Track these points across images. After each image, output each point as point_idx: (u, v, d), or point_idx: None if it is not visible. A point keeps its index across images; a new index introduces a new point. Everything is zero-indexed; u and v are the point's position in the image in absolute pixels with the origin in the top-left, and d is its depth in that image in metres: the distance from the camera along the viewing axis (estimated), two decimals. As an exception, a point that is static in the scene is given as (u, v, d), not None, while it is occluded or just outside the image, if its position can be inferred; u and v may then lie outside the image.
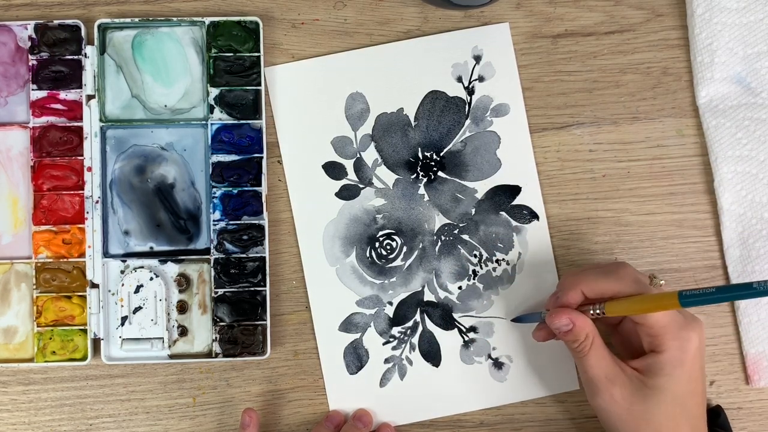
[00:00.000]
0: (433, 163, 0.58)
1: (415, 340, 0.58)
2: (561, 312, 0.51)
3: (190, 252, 0.57)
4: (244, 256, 0.56)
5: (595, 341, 0.51)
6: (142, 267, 0.57)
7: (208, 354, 0.57)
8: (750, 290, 0.44)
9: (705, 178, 0.59)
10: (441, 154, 0.58)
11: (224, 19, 0.57)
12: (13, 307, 0.57)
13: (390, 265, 0.58)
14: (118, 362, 0.57)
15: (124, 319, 0.56)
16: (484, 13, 0.59)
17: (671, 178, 0.59)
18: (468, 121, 0.58)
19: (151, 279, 0.57)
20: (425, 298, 0.58)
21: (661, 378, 0.50)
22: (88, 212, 0.56)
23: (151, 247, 0.57)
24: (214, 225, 0.56)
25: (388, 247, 0.58)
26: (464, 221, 0.58)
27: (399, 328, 0.58)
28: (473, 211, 0.58)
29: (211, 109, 0.57)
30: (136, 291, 0.57)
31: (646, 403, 0.50)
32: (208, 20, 0.57)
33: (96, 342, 0.56)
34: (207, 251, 0.57)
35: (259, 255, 0.56)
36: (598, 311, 0.51)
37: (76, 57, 0.56)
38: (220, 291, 0.56)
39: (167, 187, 0.57)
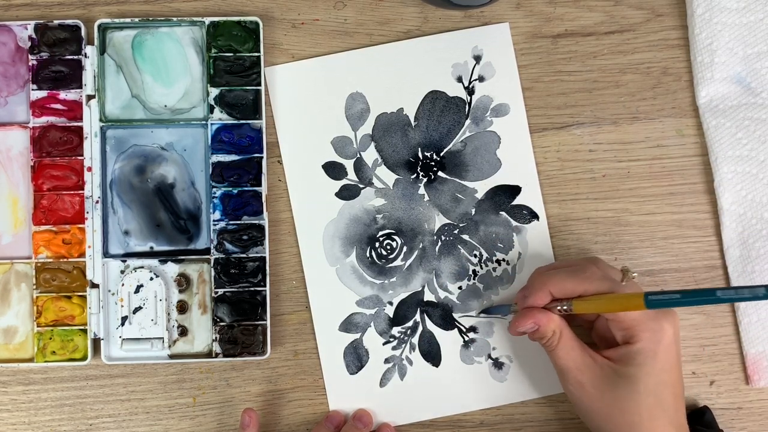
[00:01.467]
0: (433, 163, 0.58)
1: (415, 340, 0.58)
2: (525, 316, 0.52)
3: (190, 252, 0.57)
4: (244, 256, 0.56)
5: (563, 334, 0.52)
6: (142, 267, 0.57)
7: (208, 354, 0.57)
8: (712, 296, 0.44)
9: (705, 178, 0.59)
10: (441, 154, 0.58)
11: (224, 19, 0.57)
12: (13, 307, 0.57)
13: (390, 265, 0.58)
14: (118, 362, 0.57)
15: (124, 319, 0.56)
16: (484, 13, 0.59)
17: (671, 178, 0.59)
18: (468, 121, 0.58)
19: (151, 279, 0.57)
20: (425, 298, 0.58)
21: (633, 367, 0.50)
22: (88, 212, 0.56)
23: (151, 247, 0.57)
24: (214, 225, 0.56)
25: (388, 247, 0.58)
26: (464, 221, 0.58)
27: (399, 328, 0.58)
28: (473, 211, 0.58)
29: (211, 109, 0.57)
30: (136, 291, 0.57)
31: (616, 390, 0.50)
32: (208, 20, 0.57)
33: (96, 342, 0.56)
34: (207, 251, 0.57)
35: (259, 255, 0.56)
36: (565, 308, 0.51)
37: (76, 57, 0.56)
38: (220, 291, 0.56)
39: (167, 187, 0.57)
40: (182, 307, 0.57)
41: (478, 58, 0.58)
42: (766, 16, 0.58)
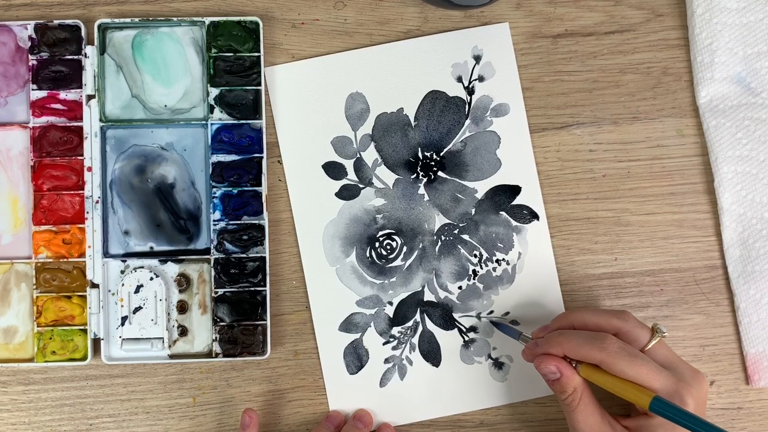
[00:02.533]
0: (433, 163, 0.58)
1: (415, 340, 0.58)
2: (549, 359, 0.50)
3: (190, 252, 0.57)
4: (244, 256, 0.56)
5: (584, 396, 0.50)
6: (142, 267, 0.57)
7: (208, 354, 0.57)
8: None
9: (705, 178, 0.59)
10: (441, 154, 0.58)
11: (224, 19, 0.57)
12: (13, 307, 0.57)
13: (390, 265, 0.58)
14: (118, 362, 0.57)
15: (124, 319, 0.56)
16: (484, 13, 0.59)
17: (671, 178, 0.59)
18: (468, 121, 0.58)
19: (151, 279, 0.57)
20: (425, 298, 0.58)
21: None
22: (88, 212, 0.56)
23: (151, 247, 0.57)
24: (214, 225, 0.56)
25: (388, 247, 0.58)
26: (464, 221, 0.58)
27: (399, 328, 0.58)
28: (473, 211, 0.58)
29: (211, 109, 0.57)
30: (136, 291, 0.57)
31: None
32: (208, 20, 0.57)
33: (96, 342, 0.56)
34: (207, 251, 0.57)
35: (259, 255, 0.56)
36: (574, 365, 0.50)
37: (76, 57, 0.56)
38: (220, 291, 0.56)
39: (167, 187, 0.57)
40: (182, 307, 0.57)
41: (478, 58, 0.58)
42: (766, 16, 0.58)
